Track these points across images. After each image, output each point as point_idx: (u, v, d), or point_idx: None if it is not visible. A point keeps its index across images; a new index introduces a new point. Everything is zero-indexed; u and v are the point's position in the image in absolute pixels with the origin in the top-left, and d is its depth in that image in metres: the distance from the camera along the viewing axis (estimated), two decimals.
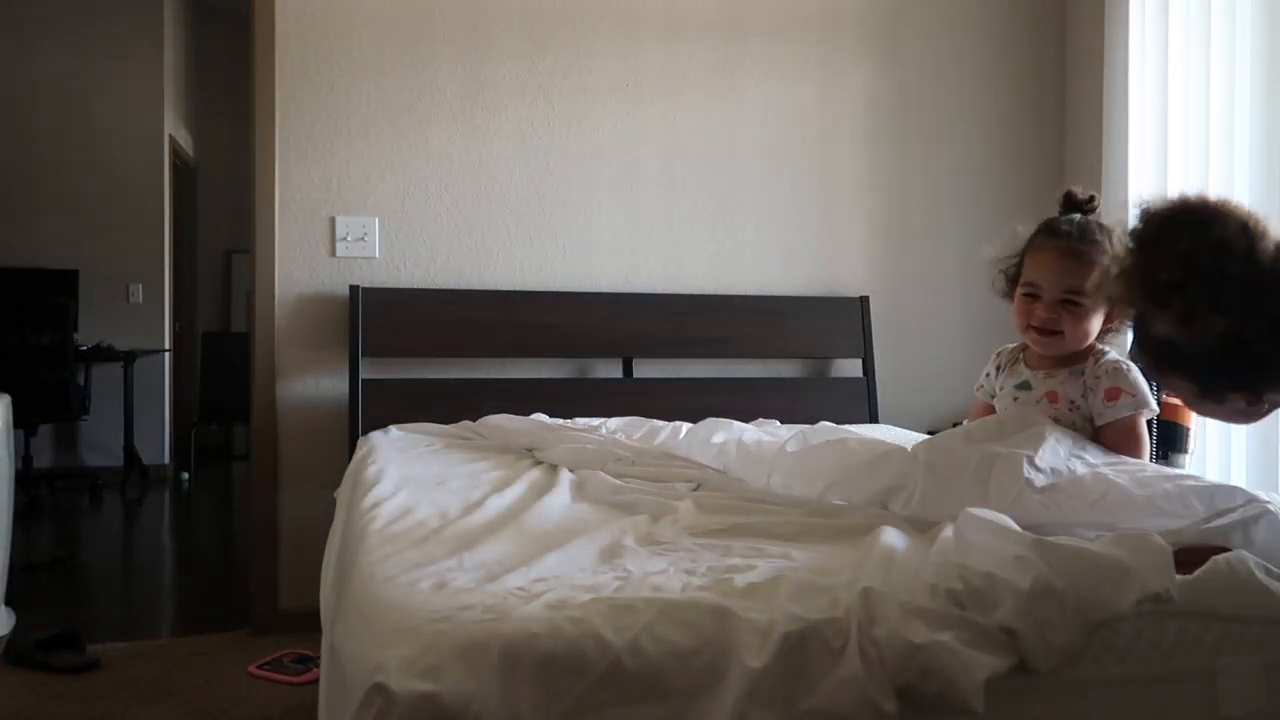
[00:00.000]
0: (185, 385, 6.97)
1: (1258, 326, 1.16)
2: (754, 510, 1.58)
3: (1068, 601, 1.01)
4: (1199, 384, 1.25)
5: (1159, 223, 1.23)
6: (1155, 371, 1.33)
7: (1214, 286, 1.16)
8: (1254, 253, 1.17)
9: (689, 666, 0.96)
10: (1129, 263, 1.24)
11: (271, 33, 2.96)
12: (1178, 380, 1.28)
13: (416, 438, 2.59)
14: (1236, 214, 1.20)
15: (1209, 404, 1.28)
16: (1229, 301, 1.16)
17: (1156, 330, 1.22)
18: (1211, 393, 1.25)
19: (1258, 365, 1.19)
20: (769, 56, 3.34)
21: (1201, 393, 1.26)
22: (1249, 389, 1.21)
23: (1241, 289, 1.16)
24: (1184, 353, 1.21)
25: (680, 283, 3.28)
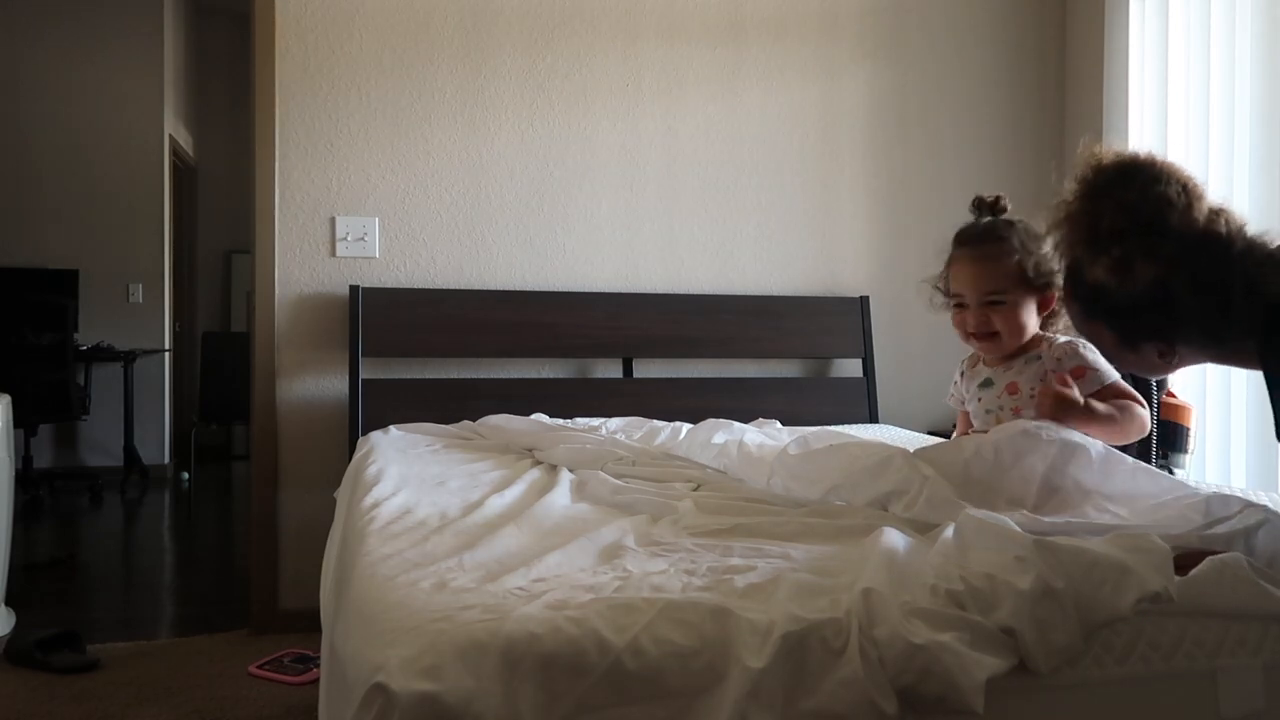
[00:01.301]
0: (185, 385, 6.97)
1: (1182, 281, 1.23)
2: (754, 511, 1.58)
3: (1068, 602, 1.00)
4: (1120, 333, 1.33)
5: (1108, 174, 1.31)
6: (1083, 320, 1.39)
7: (1151, 237, 1.24)
8: (1190, 211, 1.25)
9: (689, 667, 0.96)
10: (1075, 208, 1.32)
11: (271, 33, 2.96)
12: (1101, 329, 1.35)
13: (416, 438, 2.59)
14: (1179, 174, 1.27)
15: (1127, 353, 1.35)
16: (1163, 252, 1.24)
17: (1090, 276, 1.30)
18: (1130, 342, 1.32)
19: (1176, 319, 1.26)
20: (769, 56, 3.34)
21: (1121, 342, 1.33)
22: (1165, 340, 1.29)
23: (1175, 243, 1.24)
24: (1113, 300, 1.29)
25: (680, 283, 3.28)
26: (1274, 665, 1.06)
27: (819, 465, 1.68)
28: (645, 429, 2.60)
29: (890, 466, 1.55)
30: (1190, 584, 1.07)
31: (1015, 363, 1.77)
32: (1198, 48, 2.88)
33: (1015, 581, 1.02)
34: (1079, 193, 1.32)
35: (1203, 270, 1.23)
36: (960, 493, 1.43)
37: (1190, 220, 1.25)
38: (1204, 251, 1.24)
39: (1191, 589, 1.07)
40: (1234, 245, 1.24)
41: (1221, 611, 1.08)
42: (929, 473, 1.48)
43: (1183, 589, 1.06)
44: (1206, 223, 1.25)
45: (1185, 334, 1.28)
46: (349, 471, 2.37)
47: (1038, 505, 1.44)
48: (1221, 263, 1.23)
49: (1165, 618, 1.06)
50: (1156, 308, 1.26)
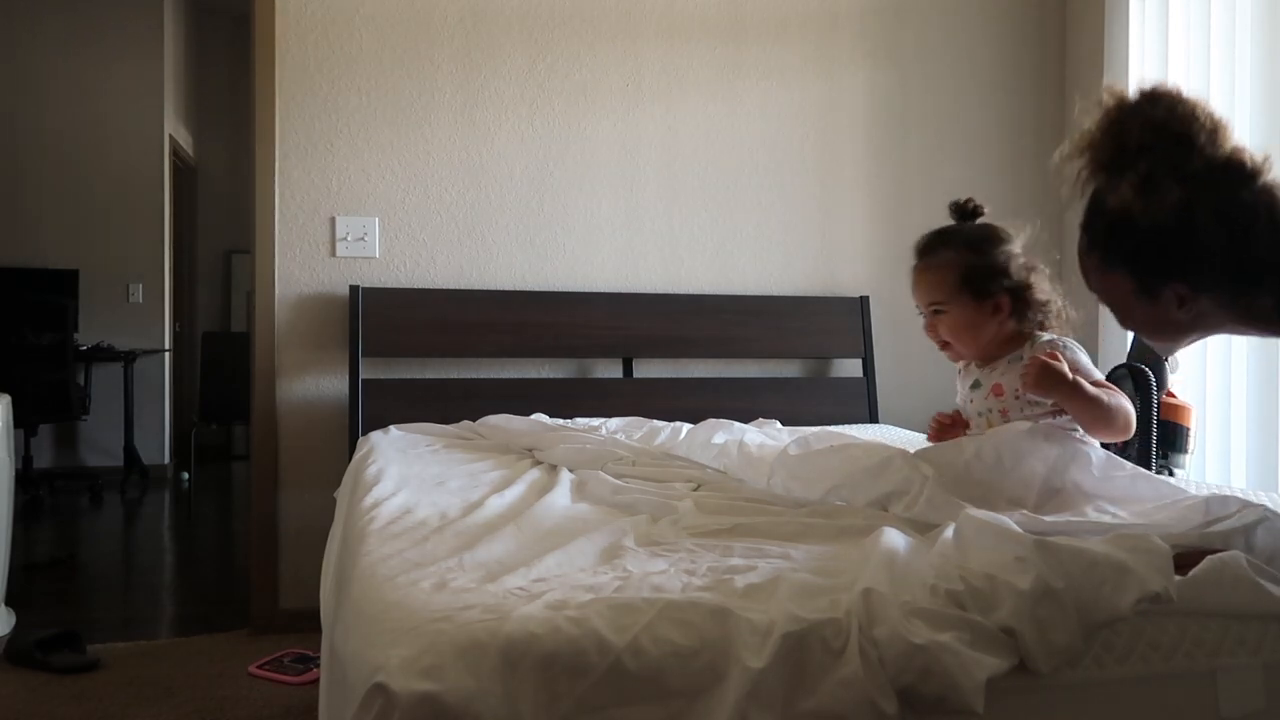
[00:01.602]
0: (185, 385, 6.97)
1: (1207, 207, 1.17)
2: (754, 511, 1.58)
3: (1068, 602, 1.00)
4: (1140, 277, 1.25)
5: (1134, 99, 1.26)
6: (1100, 273, 1.31)
7: (1179, 152, 1.19)
8: (1216, 136, 1.20)
9: (689, 667, 0.96)
10: (1098, 134, 1.26)
11: (271, 33, 2.96)
12: (1118, 279, 1.27)
13: (416, 438, 2.59)
14: (1204, 105, 1.23)
15: (1144, 306, 1.26)
16: (1189, 171, 1.18)
17: (1113, 202, 1.24)
18: (1150, 288, 1.24)
19: (1199, 253, 1.19)
20: (769, 57, 3.34)
21: (1139, 290, 1.25)
22: (1186, 281, 1.21)
23: (1203, 164, 1.18)
24: (1135, 231, 1.22)
25: (680, 283, 3.28)
26: (1274, 665, 1.06)
27: (819, 466, 1.68)
28: (645, 429, 2.60)
29: (890, 467, 1.55)
30: (1190, 584, 1.07)
31: (999, 364, 1.76)
32: (1198, 48, 2.88)
33: (1015, 581, 1.02)
34: (1102, 120, 1.27)
35: (1227, 197, 1.18)
36: (960, 493, 1.43)
37: (1216, 145, 1.19)
38: (1229, 178, 1.18)
39: (1191, 589, 1.07)
40: (1259, 176, 1.19)
41: (1221, 611, 1.08)
42: (929, 473, 1.48)
43: (1182, 589, 1.06)
44: (1232, 152, 1.20)
45: (1208, 274, 1.20)
46: (349, 471, 2.37)
47: (1038, 506, 1.45)
48: (1247, 191, 1.18)
49: (1165, 618, 1.06)
50: (1180, 237, 1.19)
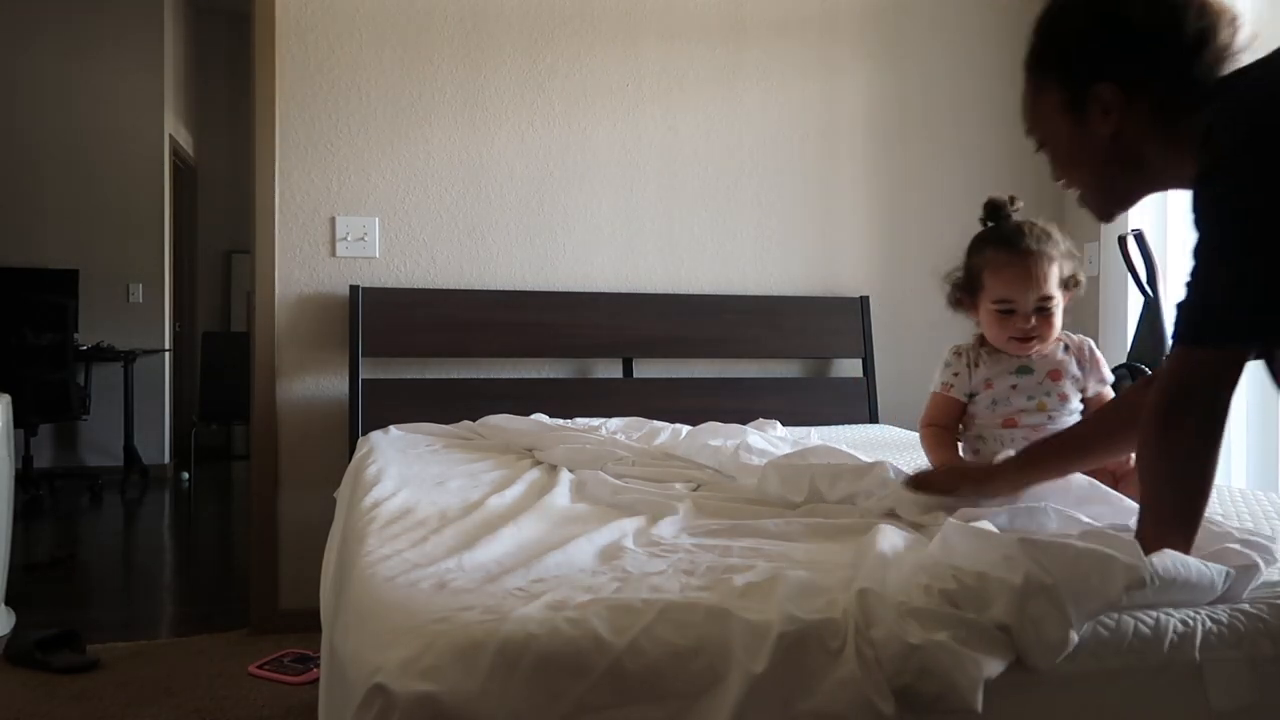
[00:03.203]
0: (185, 385, 6.97)
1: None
2: (753, 511, 1.59)
3: (1059, 596, 1.01)
4: (1069, 84, 1.20)
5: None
6: (1034, 86, 1.26)
7: None
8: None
9: (689, 668, 0.96)
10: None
11: (271, 33, 2.96)
12: (1050, 91, 1.23)
13: (416, 438, 2.59)
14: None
15: (1072, 125, 1.21)
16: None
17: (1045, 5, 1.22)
18: (1077, 92, 1.18)
19: (1124, 43, 1.15)
20: (769, 57, 3.34)
21: (1068, 101, 1.20)
22: (1114, 77, 1.15)
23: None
24: (1065, 19, 1.20)
25: (680, 283, 3.28)
26: (1257, 659, 1.06)
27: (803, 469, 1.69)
28: (645, 429, 2.60)
29: (869, 471, 1.59)
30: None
31: (1053, 350, 1.81)
32: None
33: (1007, 578, 1.02)
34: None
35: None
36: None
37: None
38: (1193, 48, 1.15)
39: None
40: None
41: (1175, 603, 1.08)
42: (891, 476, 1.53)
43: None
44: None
45: (1134, 68, 1.15)
46: (349, 471, 2.37)
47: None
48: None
49: (1157, 611, 1.07)
50: (1109, 21, 1.15)
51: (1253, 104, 1.09)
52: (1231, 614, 1.08)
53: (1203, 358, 1.10)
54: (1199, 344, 1.10)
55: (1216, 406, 1.09)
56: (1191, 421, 1.09)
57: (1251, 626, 1.07)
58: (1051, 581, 1.01)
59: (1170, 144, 1.17)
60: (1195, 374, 1.10)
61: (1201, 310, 1.10)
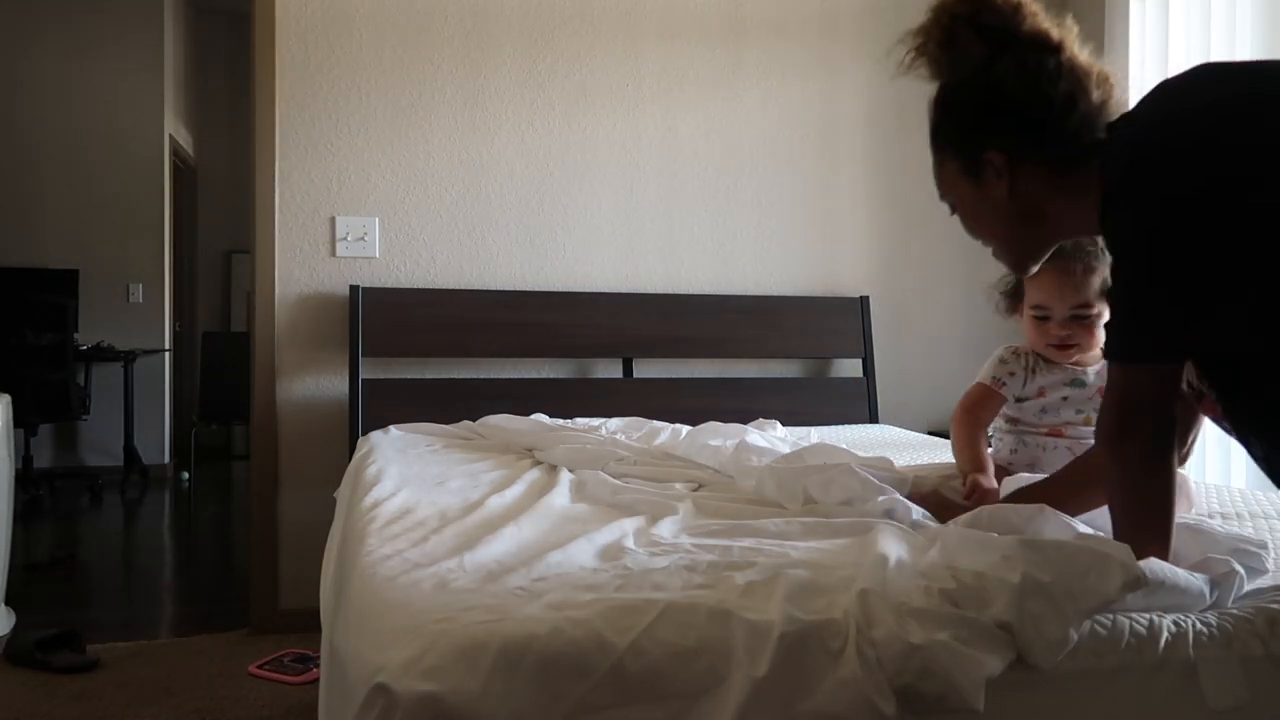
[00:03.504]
0: (185, 385, 6.97)
1: (1007, 63, 1.23)
2: (754, 511, 1.59)
3: (1058, 594, 1.01)
4: (958, 146, 1.32)
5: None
6: (938, 157, 1.38)
7: (980, 13, 1.25)
8: (1022, 10, 1.26)
9: (691, 668, 0.96)
10: (920, 28, 1.33)
11: (271, 33, 2.96)
12: (949, 161, 1.35)
13: (416, 438, 2.59)
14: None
15: (974, 189, 1.31)
16: (987, 23, 1.25)
17: (929, 73, 1.34)
18: (971, 159, 1.29)
19: (1004, 110, 1.24)
20: (769, 56, 3.34)
21: (964, 167, 1.31)
22: (999, 144, 1.25)
23: (1001, 21, 1.24)
24: (947, 94, 1.33)
25: (680, 283, 3.28)
26: (1249, 658, 1.06)
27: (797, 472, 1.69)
28: (645, 429, 2.60)
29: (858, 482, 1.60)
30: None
31: (1100, 367, 1.77)
32: (1198, 49, 2.88)
33: (1006, 577, 1.03)
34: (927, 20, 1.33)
35: (1027, 55, 1.23)
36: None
37: (1021, 16, 1.25)
38: (1033, 41, 1.24)
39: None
40: (1062, 50, 1.25)
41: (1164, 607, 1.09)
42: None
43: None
44: (1036, 26, 1.25)
45: (1016, 132, 1.24)
46: (349, 471, 2.37)
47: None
48: (1051, 58, 1.23)
49: (1146, 602, 1.07)
50: (985, 92, 1.25)
51: (1133, 137, 1.18)
52: (1221, 616, 1.09)
53: (1140, 374, 1.14)
54: (1132, 362, 1.14)
55: (1165, 420, 1.15)
56: (1141, 436, 1.14)
57: (1241, 628, 1.08)
58: (1049, 580, 1.02)
59: (1065, 194, 1.25)
60: (1135, 391, 1.14)
61: (1128, 329, 1.14)
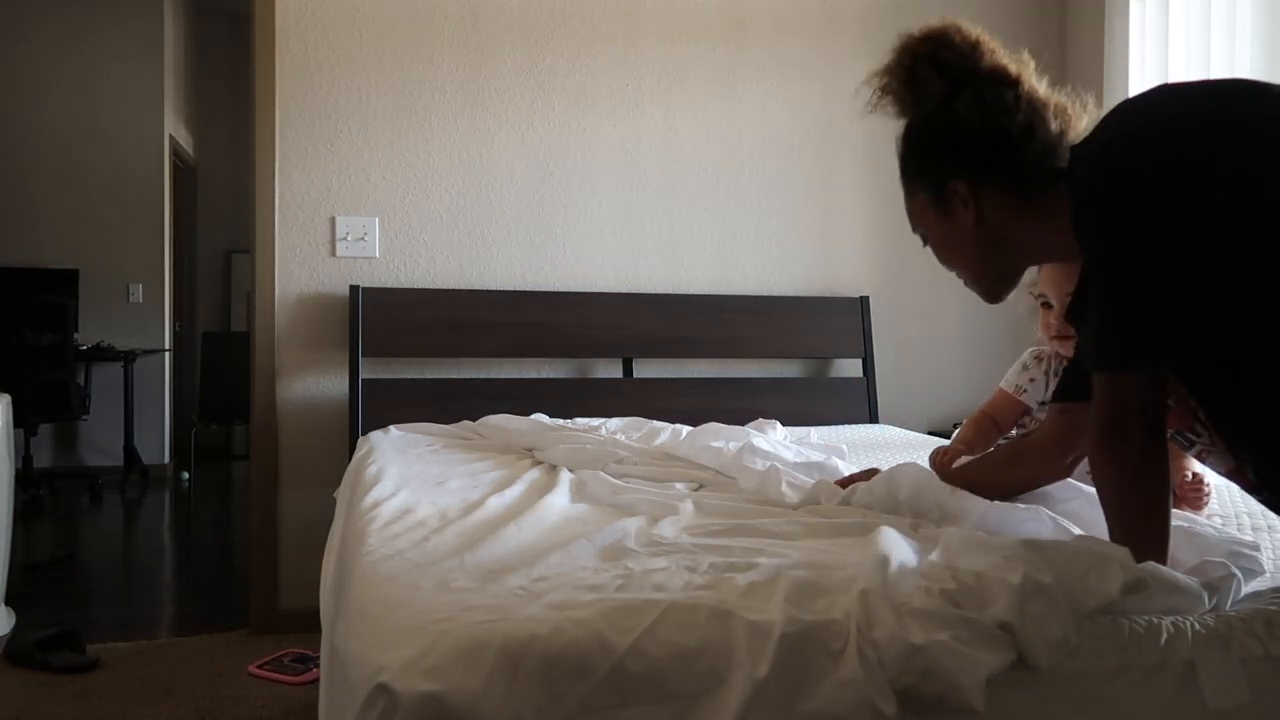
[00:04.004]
0: (185, 385, 6.97)
1: (966, 97, 1.29)
2: (754, 511, 1.59)
3: (1058, 594, 1.01)
4: (924, 179, 1.35)
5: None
6: (907, 192, 1.41)
7: (939, 51, 1.33)
8: (979, 49, 1.34)
9: (692, 669, 0.96)
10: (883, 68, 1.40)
11: (271, 33, 2.96)
12: (918, 194, 1.38)
13: (416, 438, 2.59)
14: (963, 30, 1.37)
15: (942, 220, 1.35)
16: (946, 60, 1.32)
17: (895, 111, 1.39)
18: (938, 192, 1.32)
19: (964, 143, 1.29)
20: (769, 56, 3.34)
21: (932, 200, 1.34)
22: (962, 174, 1.29)
23: (960, 59, 1.32)
24: (911, 131, 1.37)
25: (680, 283, 3.28)
26: (1248, 658, 1.06)
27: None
28: (645, 429, 2.60)
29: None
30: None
31: None
32: (1198, 49, 2.88)
33: (1006, 577, 1.03)
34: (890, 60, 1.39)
35: (984, 89, 1.29)
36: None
37: (980, 53, 1.32)
38: (991, 76, 1.30)
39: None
40: (1021, 83, 1.30)
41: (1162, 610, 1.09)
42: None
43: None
44: (994, 63, 1.32)
45: (978, 163, 1.28)
46: (349, 471, 2.37)
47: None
48: (1009, 91, 1.29)
49: (1144, 605, 1.07)
50: (945, 125, 1.30)
51: (1095, 149, 1.20)
52: (1220, 617, 1.09)
53: (1129, 382, 1.15)
54: (1123, 369, 1.15)
55: (1149, 425, 1.15)
56: (1129, 443, 1.15)
57: (1240, 629, 1.08)
58: (1049, 580, 1.02)
59: (1031, 220, 1.29)
60: (1120, 398, 1.15)
61: (1110, 338, 1.15)
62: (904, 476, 1.53)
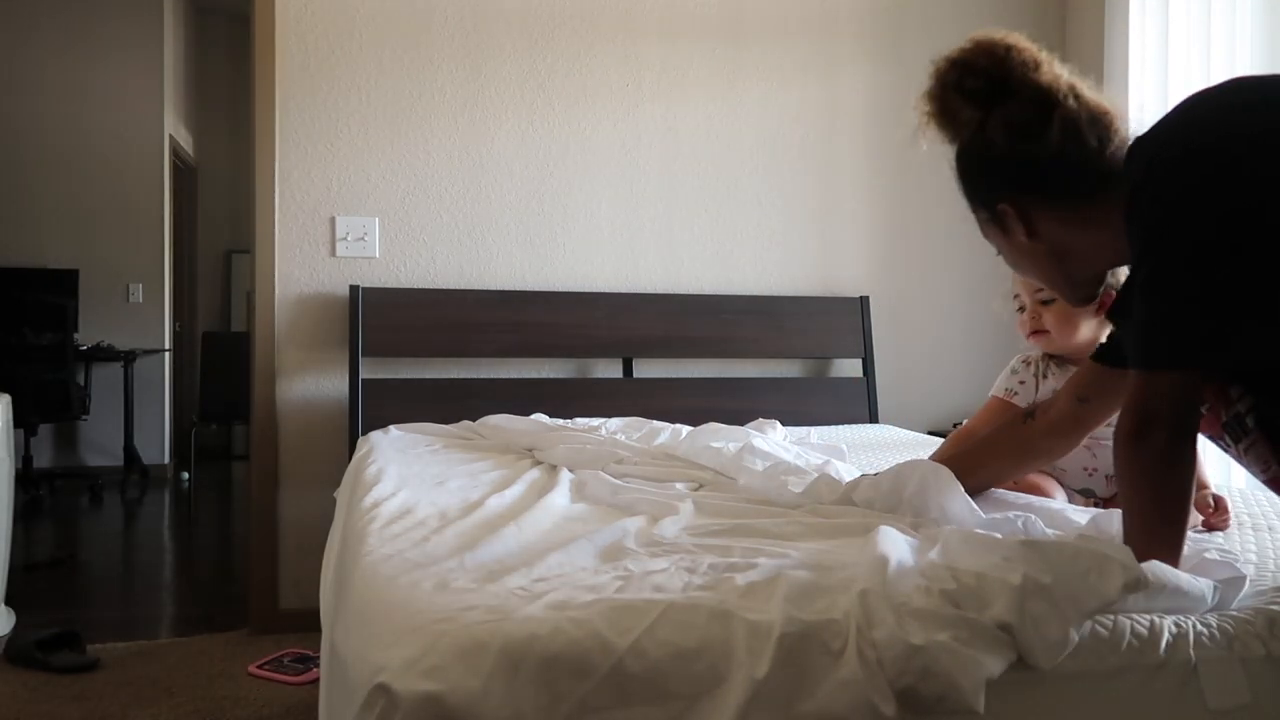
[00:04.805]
0: (185, 385, 6.97)
1: (995, 121, 1.30)
2: (754, 511, 1.59)
3: (1058, 595, 1.01)
4: (978, 202, 1.37)
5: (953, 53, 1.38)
6: (971, 209, 1.42)
7: (966, 78, 1.33)
8: (1035, 69, 1.31)
9: (691, 669, 0.96)
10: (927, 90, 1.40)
11: (271, 33, 2.96)
12: (978, 212, 1.39)
13: (416, 438, 2.59)
14: (1019, 45, 1.34)
15: (1003, 237, 1.36)
16: (972, 88, 1.33)
17: (944, 138, 1.40)
18: (992, 211, 1.34)
19: (1000, 166, 1.31)
20: (769, 56, 3.34)
21: (989, 218, 1.36)
22: (1005, 194, 1.31)
23: (986, 84, 1.31)
24: (959, 157, 1.39)
25: (680, 283, 3.28)
26: (1249, 659, 1.06)
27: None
28: (645, 429, 2.60)
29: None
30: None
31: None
32: (1198, 49, 2.89)
33: (1006, 577, 1.03)
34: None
35: (1014, 110, 1.29)
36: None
37: (1006, 71, 1.31)
38: (1024, 95, 1.29)
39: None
40: (1054, 97, 1.28)
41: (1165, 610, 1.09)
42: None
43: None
44: (1029, 77, 1.30)
45: (1018, 182, 1.30)
46: (349, 471, 2.37)
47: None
48: (1036, 106, 1.28)
49: (1146, 604, 1.07)
50: (981, 150, 1.32)
51: (1153, 144, 1.19)
52: (1221, 618, 1.09)
53: (1162, 381, 1.14)
54: (1156, 368, 1.14)
55: (1181, 425, 1.15)
56: (1157, 442, 1.14)
57: (1241, 629, 1.08)
58: (1049, 580, 1.01)
59: (1087, 227, 1.30)
60: (1155, 397, 1.14)
61: (1152, 335, 1.14)
62: (912, 473, 1.53)
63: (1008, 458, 1.61)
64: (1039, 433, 1.53)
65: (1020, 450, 1.59)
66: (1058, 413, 1.51)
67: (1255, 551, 1.39)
